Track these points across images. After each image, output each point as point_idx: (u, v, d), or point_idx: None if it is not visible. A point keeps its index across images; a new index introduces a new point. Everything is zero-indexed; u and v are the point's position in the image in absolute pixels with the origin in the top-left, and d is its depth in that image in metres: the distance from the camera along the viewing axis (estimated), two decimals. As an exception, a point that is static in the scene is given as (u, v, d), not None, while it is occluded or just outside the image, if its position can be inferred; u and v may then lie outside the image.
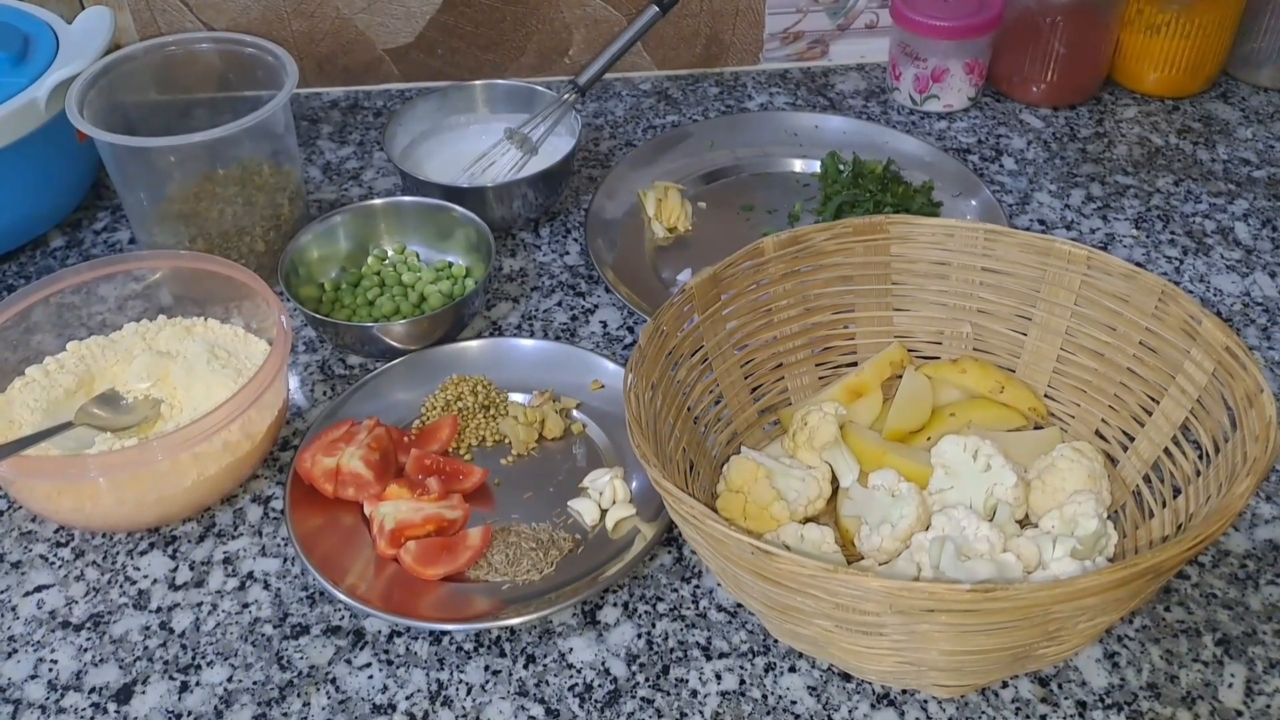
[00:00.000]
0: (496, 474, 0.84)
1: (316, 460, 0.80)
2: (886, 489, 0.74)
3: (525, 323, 0.98)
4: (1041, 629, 0.57)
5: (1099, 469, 0.73)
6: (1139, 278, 0.70)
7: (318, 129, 1.22)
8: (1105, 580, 0.53)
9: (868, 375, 0.82)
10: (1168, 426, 0.71)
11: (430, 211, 0.99)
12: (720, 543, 0.60)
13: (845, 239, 0.80)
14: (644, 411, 0.69)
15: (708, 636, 0.74)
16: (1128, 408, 0.74)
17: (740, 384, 0.82)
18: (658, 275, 1.02)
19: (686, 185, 1.10)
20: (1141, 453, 0.73)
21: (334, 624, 0.75)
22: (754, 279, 0.80)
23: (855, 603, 0.56)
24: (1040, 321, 0.78)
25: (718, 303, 0.79)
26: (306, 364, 0.94)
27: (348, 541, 0.78)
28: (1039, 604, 0.54)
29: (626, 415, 0.68)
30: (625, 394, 0.69)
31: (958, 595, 0.53)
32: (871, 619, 0.58)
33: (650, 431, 0.69)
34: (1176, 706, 0.69)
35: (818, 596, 0.57)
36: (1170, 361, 0.70)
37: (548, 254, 1.05)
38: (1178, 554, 0.54)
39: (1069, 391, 0.78)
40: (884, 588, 0.54)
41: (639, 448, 0.65)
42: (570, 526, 0.80)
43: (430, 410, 0.88)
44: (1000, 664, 0.62)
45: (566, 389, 0.89)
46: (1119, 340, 0.73)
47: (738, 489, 0.76)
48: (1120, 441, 0.76)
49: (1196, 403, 0.69)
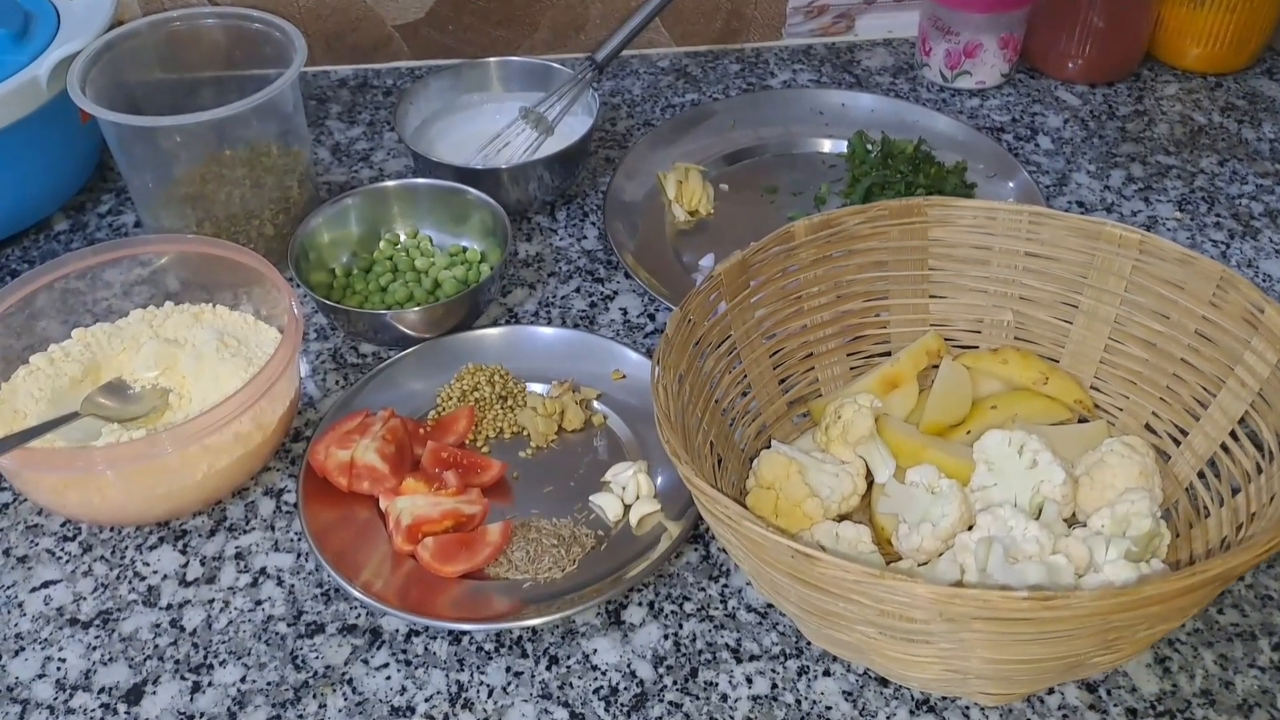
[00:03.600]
0: (515, 467, 0.81)
1: (330, 453, 0.77)
2: (926, 486, 0.71)
3: (542, 310, 0.94)
4: (1099, 638, 0.54)
5: (1151, 465, 0.69)
6: (1196, 263, 0.67)
7: (326, 109, 1.19)
8: (1171, 588, 0.50)
9: (903, 365, 0.79)
10: (1225, 421, 0.68)
11: (444, 194, 0.96)
12: (757, 545, 0.57)
13: (880, 222, 0.77)
14: (672, 405, 0.66)
15: (738, 638, 0.71)
16: (1181, 401, 0.71)
17: (769, 375, 0.79)
18: (679, 260, 0.98)
19: (707, 166, 1.06)
20: (1196, 448, 0.70)
21: (350, 622, 0.72)
22: (783, 265, 0.77)
23: (902, 610, 0.53)
24: (1087, 309, 0.74)
25: (746, 289, 0.76)
26: (318, 352, 0.91)
27: (363, 537, 0.76)
28: (1099, 613, 0.50)
29: (655, 410, 0.65)
30: (653, 386, 0.66)
31: (1013, 604, 0.50)
32: (918, 626, 0.55)
33: (679, 425, 0.66)
34: (1232, 715, 0.66)
35: (861, 603, 0.54)
36: (1229, 352, 0.67)
37: (565, 238, 1.02)
38: (1248, 560, 0.50)
39: (1117, 383, 0.75)
40: (933, 595, 0.51)
41: (669, 443, 0.62)
42: (592, 522, 0.77)
43: (446, 401, 0.85)
44: (1051, 673, 0.59)
45: (586, 379, 0.86)
46: (1172, 329, 0.70)
47: (769, 485, 0.73)
48: (1172, 436, 0.72)
49: (1258, 396, 0.65)
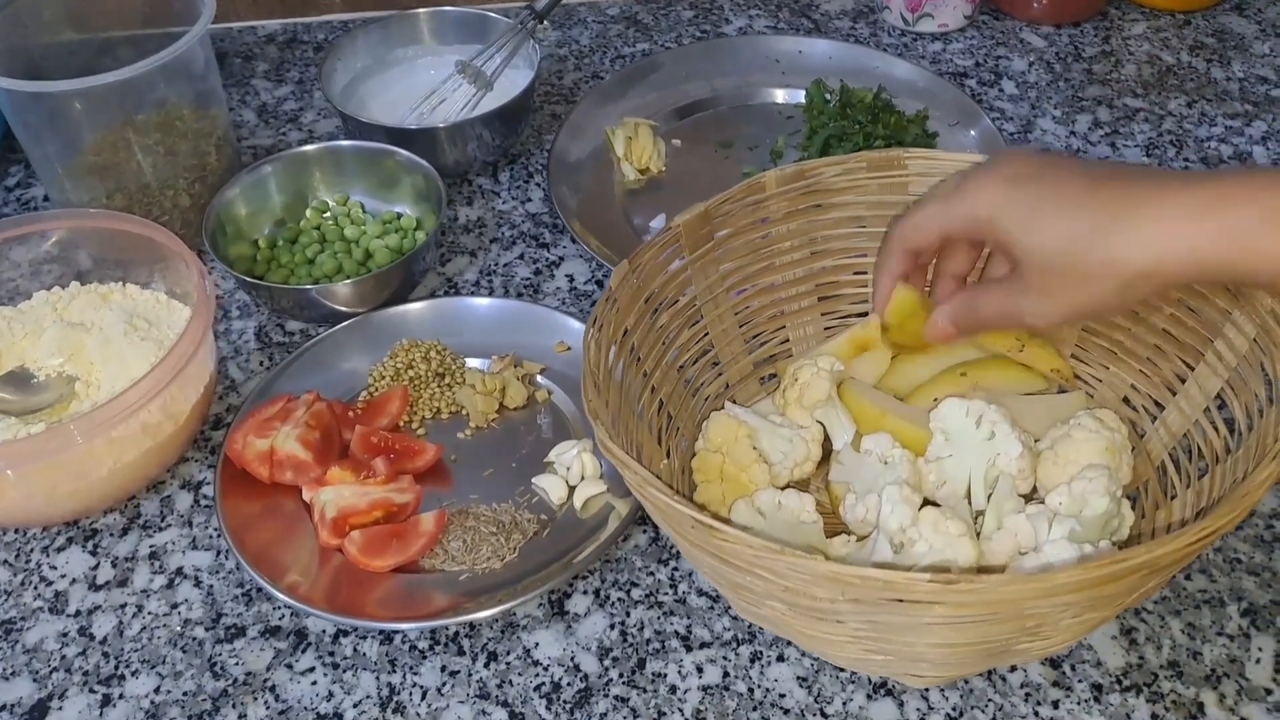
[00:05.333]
0: (453, 449, 0.76)
1: (248, 442, 0.72)
2: (879, 455, 0.67)
3: (483, 279, 0.89)
4: (1017, 624, 0.51)
5: (1120, 441, 0.65)
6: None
7: (252, 66, 1.12)
8: (1085, 576, 0.46)
9: (875, 327, 0.74)
10: (1200, 397, 0.63)
11: (372, 157, 0.90)
12: (662, 513, 0.53)
13: (858, 175, 0.72)
14: (603, 363, 0.62)
15: (687, 625, 0.67)
16: (1160, 374, 0.66)
17: (734, 333, 0.75)
18: (629, 222, 0.93)
19: (659, 121, 1.00)
20: (1171, 425, 0.66)
21: (273, 624, 0.68)
22: (753, 217, 0.72)
23: (805, 587, 0.50)
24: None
25: (709, 242, 0.71)
26: (240, 331, 0.86)
27: (288, 531, 0.71)
28: (1009, 599, 0.47)
29: (584, 364, 0.60)
30: (585, 342, 0.62)
31: (917, 586, 0.47)
32: (825, 605, 0.51)
33: (609, 385, 0.62)
34: (1200, 686, 0.63)
35: (766, 578, 0.51)
36: (1209, 323, 0.62)
37: (507, 201, 0.96)
38: (1176, 550, 0.47)
39: (1098, 352, 0.70)
40: (833, 573, 0.48)
41: (589, 402, 0.59)
42: (535, 506, 0.73)
43: (378, 380, 0.80)
44: (974, 658, 0.57)
45: (530, 352, 0.81)
46: (1156, 298, 0.65)
47: (717, 448, 0.69)
48: (1149, 411, 0.68)
49: (1234, 372, 0.61)
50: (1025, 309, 0.59)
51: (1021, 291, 0.58)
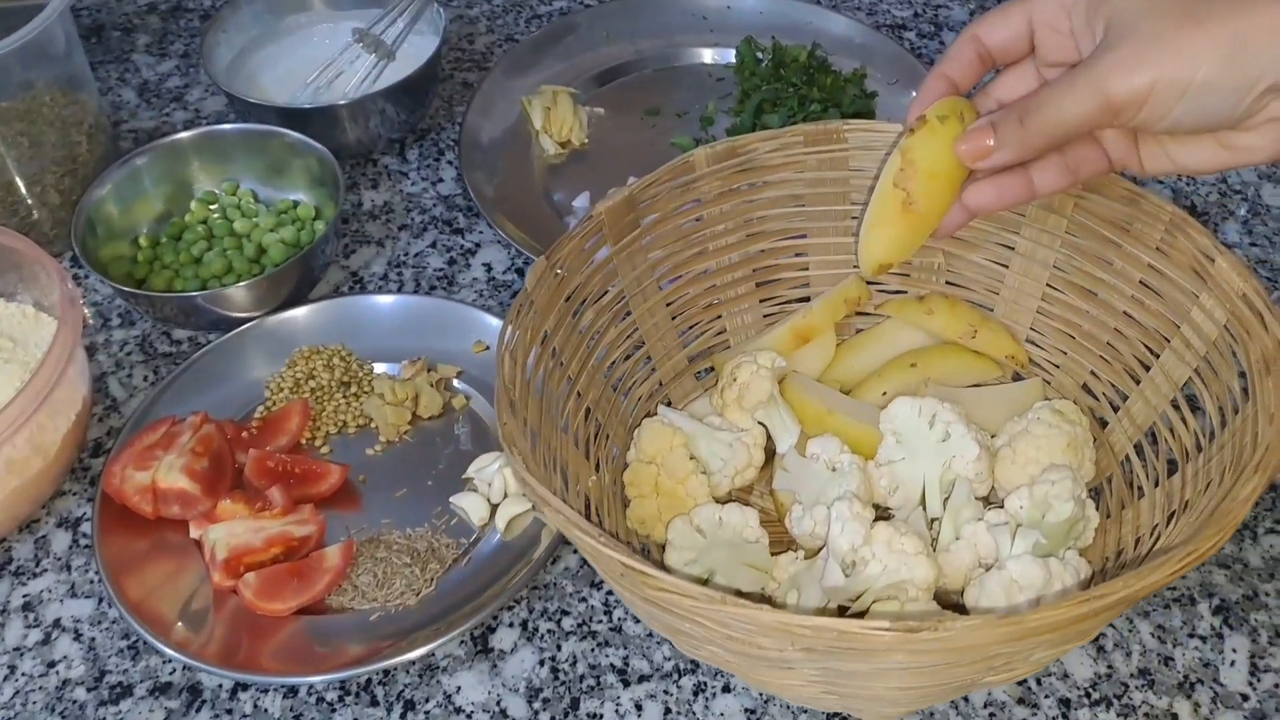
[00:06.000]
0: (361, 468, 0.69)
1: (127, 476, 0.64)
2: (826, 461, 0.61)
3: (392, 272, 0.81)
4: (984, 664, 0.46)
5: (1081, 435, 0.60)
6: (1143, 202, 0.56)
7: (132, 40, 1.02)
8: (1059, 617, 0.41)
9: (817, 316, 0.68)
10: (1167, 387, 0.58)
11: (258, 140, 0.81)
12: (593, 556, 0.48)
13: (794, 150, 0.66)
14: (520, 377, 0.55)
15: (624, 656, 0.61)
16: (1122, 360, 0.61)
17: (665, 327, 0.69)
18: (549, 201, 0.86)
19: (579, 88, 0.93)
20: (1135, 416, 0.61)
21: (163, 680, 0.61)
22: (682, 200, 0.66)
23: (750, 637, 0.45)
24: (1025, 251, 0.64)
25: (635, 230, 0.65)
26: (121, 342, 0.77)
27: (177, 572, 0.64)
28: (976, 644, 0.42)
29: (496, 384, 0.54)
30: (499, 355, 0.55)
31: (875, 638, 0.41)
32: (772, 654, 0.46)
33: (528, 401, 0.56)
34: (1173, 695, 0.59)
35: (707, 626, 0.45)
36: (1175, 306, 0.57)
37: (417, 183, 0.88)
38: (1156, 582, 0.42)
39: (1055, 336, 0.65)
40: (781, 624, 0.43)
41: (505, 426, 0.52)
42: (454, 529, 0.66)
43: (276, 393, 0.72)
44: (936, 695, 0.52)
45: (444, 354, 0.74)
46: (1116, 277, 0.60)
47: (650, 459, 0.63)
48: (1111, 400, 0.63)
49: (1203, 360, 0.56)
50: (1105, 78, 0.45)
51: (1099, 58, 0.45)
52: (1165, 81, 0.45)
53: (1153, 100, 0.45)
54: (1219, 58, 0.44)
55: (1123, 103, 0.46)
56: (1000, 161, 0.50)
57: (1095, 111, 0.46)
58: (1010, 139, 0.49)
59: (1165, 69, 0.45)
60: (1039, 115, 0.48)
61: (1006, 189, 0.52)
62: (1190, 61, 0.44)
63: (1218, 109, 0.46)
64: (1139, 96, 0.45)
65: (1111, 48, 0.46)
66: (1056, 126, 0.48)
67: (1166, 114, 0.46)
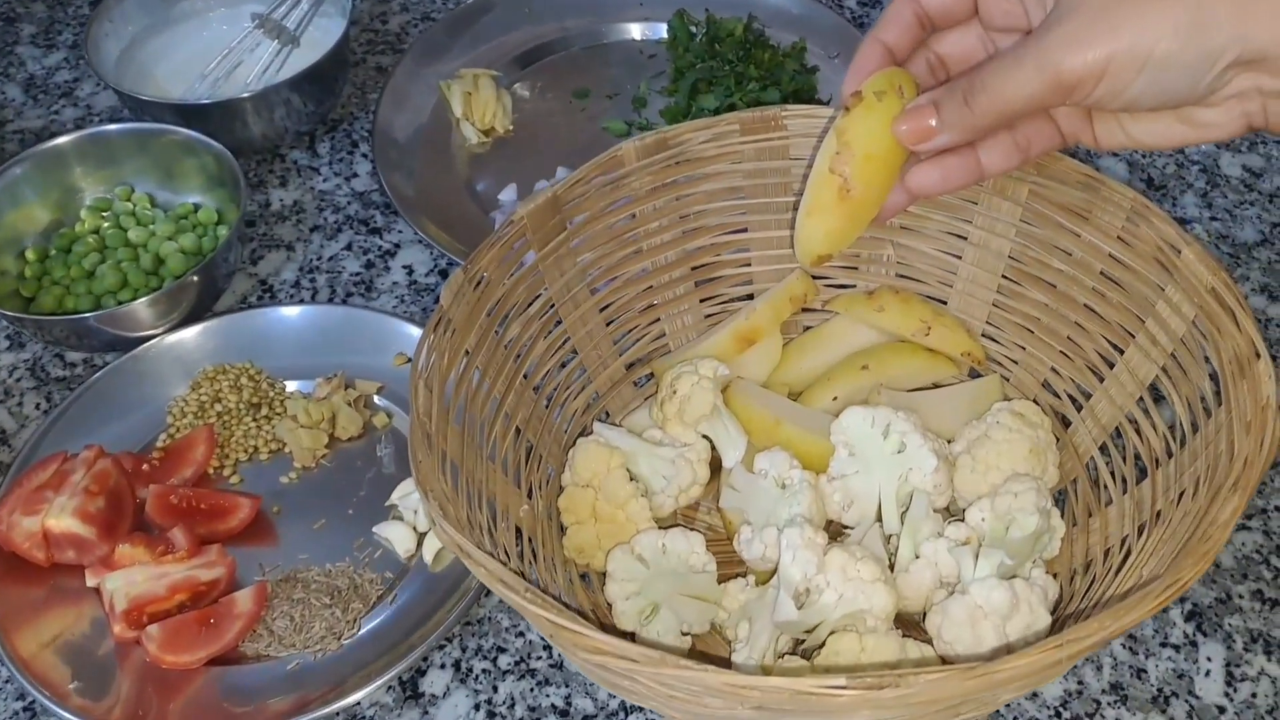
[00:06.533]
0: (274, 499, 0.64)
1: (14, 522, 0.59)
2: (775, 478, 0.57)
3: (305, 278, 0.75)
4: (950, 712, 0.43)
5: (1044, 439, 0.57)
6: (1102, 188, 0.52)
7: (16, 31, 0.94)
8: (1030, 665, 0.38)
9: (761, 317, 0.64)
10: (1133, 385, 0.55)
11: (146, 140, 0.75)
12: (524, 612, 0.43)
13: (730, 139, 0.62)
14: (436, 409, 0.51)
15: (566, 695, 0.57)
16: (1084, 356, 0.57)
17: (600, 334, 0.64)
18: (473, 195, 0.80)
19: (501, 71, 0.87)
20: (1099, 415, 0.57)
21: (62, 747, 0.55)
22: (611, 198, 0.61)
23: (696, 699, 0.41)
24: (978, 241, 0.60)
25: (562, 232, 0.60)
26: (11, 367, 0.71)
27: (76, 623, 0.58)
28: (944, 695, 0.39)
29: (410, 419, 0.49)
30: (412, 383, 0.50)
31: (833, 700, 0.38)
32: (723, 713, 0.42)
33: (446, 433, 0.51)
34: (1148, 711, 0.56)
35: (651, 685, 0.41)
36: (1139, 300, 0.53)
37: (329, 179, 0.82)
38: (1132, 621, 0.39)
39: (1013, 331, 0.61)
40: (729, 685, 0.39)
41: (419, 466, 0.47)
42: (378, 562, 0.61)
43: (179, 419, 0.67)
44: None
45: (363, 369, 0.69)
46: (1075, 268, 0.56)
47: (586, 482, 0.59)
48: (1074, 398, 0.59)
49: (1170, 358, 0.52)
50: (1057, 54, 0.41)
51: (1050, 30, 0.42)
52: (1122, 56, 0.41)
53: (1109, 76, 0.41)
54: (1179, 29, 0.40)
55: (1077, 80, 0.42)
56: (943, 144, 0.46)
57: (1046, 90, 0.42)
58: (954, 120, 0.45)
59: (1121, 42, 0.41)
60: (985, 95, 0.44)
61: (952, 170, 0.48)
62: (1149, 34, 0.40)
63: (1179, 85, 0.42)
64: (1094, 73, 0.41)
65: (1063, 20, 0.42)
66: (1005, 107, 0.44)
67: (1124, 91, 0.42)
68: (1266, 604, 0.59)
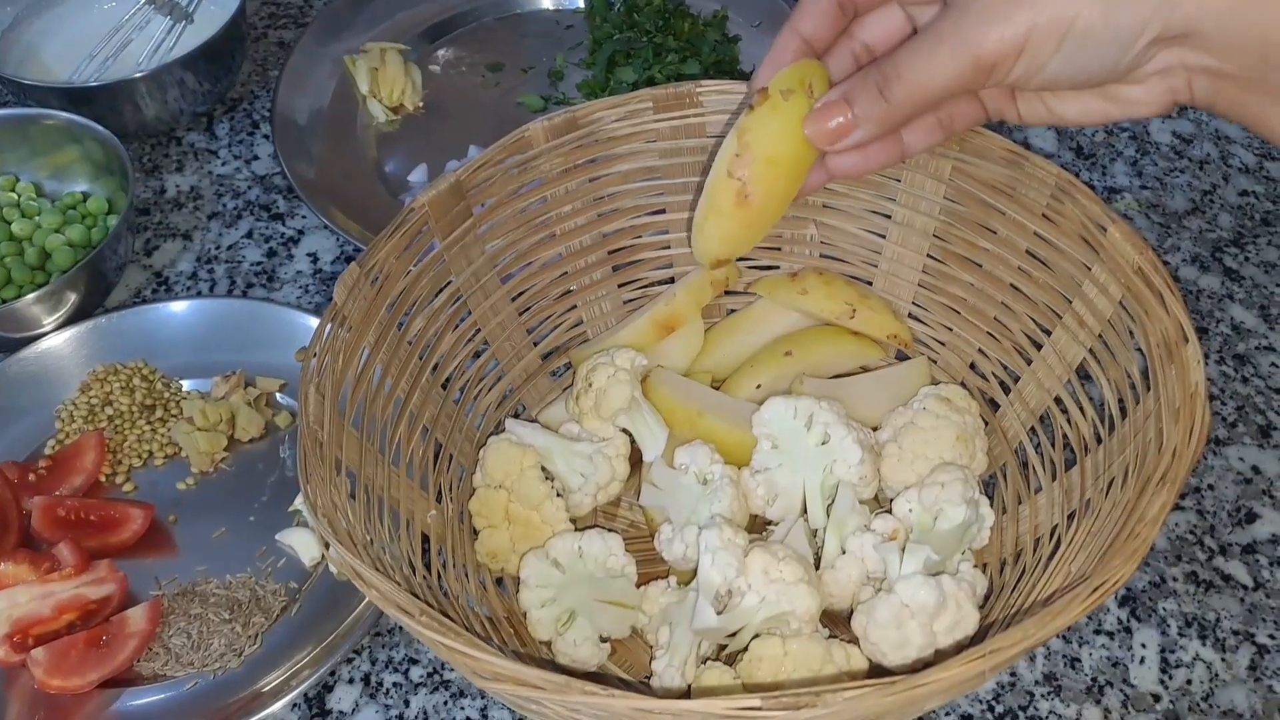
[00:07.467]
0: (171, 507, 0.61)
1: (-119, 543, 0.55)
2: (696, 472, 0.55)
3: (202, 269, 0.71)
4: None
5: (971, 425, 0.55)
6: (1026, 164, 0.50)
7: (-114, 7, 0.87)
8: (955, 678, 0.36)
9: (681, 303, 0.61)
10: (1060, 368, 0.53)
11: (23, 126, 0.70)
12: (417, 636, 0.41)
13: (643, 118, 0.59)
14: (328, 416, 0.47)
15: (482, 708, 0.54)
16: (1011, 337, 0.56)
17: (513, 324, 0.61)
18: (381, 176, 0.76)
19: (409, 45, 0.83)
20: (1027, 398, 0.55)
21: (-59, 783, 0.52)
22: (520, 181, 0.58)
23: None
24: (902, 220, 0.58)
25: (468, 219, 0.57)
26: (-119, 374, 0.66)
27: (-45, 649, 0.54)
28: (871, 711, 0.37)
29: (300, 428, 0.46)
30: (302, 391, 0.47)
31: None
32: None
33: (342, 440, 0.48)
34: (1081, 702, 0.55)
35: (556, 712, 0.39)
36: (1065, 279, 0.51)
37: (229, 162, 0.78)
38: (1058, 627, 0.37)
39: (939, 311, 0.59)
40: (639, 712, 0.37)
41: (309, 481, 0.44)
42: (282, 572, 0.58)
43: (68, 424, 0.63)
44: None
45: (263, 366, 0.65)
46: (1000, 246, 0.54)
47: (499, 483, 0.56)
48: (1002, 380, 0.57)
49: (1098, 340, 0.50)
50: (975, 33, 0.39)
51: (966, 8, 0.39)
52: (1042, 28, 0.39)
53: (1027, 52, 0.39)
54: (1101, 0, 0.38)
55: (996, 58, 0.39)
56: (858, 141, 0.44)
57: (965, 73, 0.40)
58: (869, 114, 0.43)
59: (1042, 14, 0.38)
60: (901, 85, 0.41)
61: (873, 152, 0.46)
62: (1070, 5, 0.38)
63: (1099, 62, 0.40)
64: (1013, 48, 0.39)
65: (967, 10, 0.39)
66: (922, 96, 0.41)
67: (1043, 67, 0.40)
68: (1200, 586, 0.58)
